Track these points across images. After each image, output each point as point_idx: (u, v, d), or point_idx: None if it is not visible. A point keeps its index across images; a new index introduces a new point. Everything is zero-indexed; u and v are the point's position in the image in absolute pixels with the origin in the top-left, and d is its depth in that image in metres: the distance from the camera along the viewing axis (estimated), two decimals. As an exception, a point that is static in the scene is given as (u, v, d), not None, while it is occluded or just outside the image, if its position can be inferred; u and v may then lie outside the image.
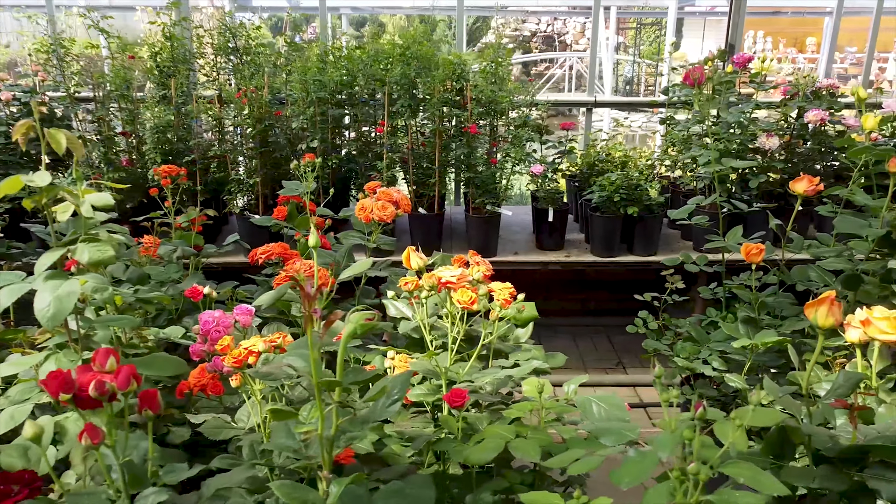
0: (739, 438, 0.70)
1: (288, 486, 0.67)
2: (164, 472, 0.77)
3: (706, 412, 0.66)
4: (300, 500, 0.65)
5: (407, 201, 1.61)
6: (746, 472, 0.68)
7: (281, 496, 0.65)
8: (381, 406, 0.76)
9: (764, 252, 1.64)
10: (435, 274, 1.11)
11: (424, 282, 1.10)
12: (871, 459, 0.91)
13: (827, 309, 0.88)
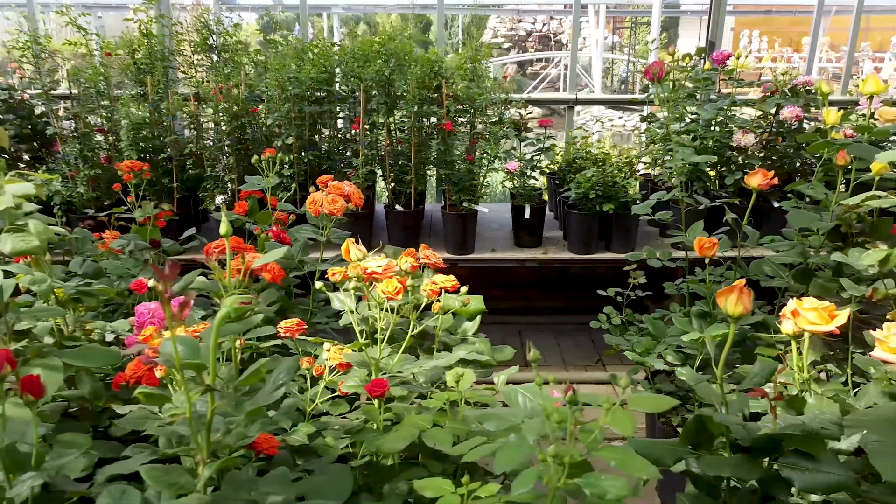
0: (622, 423, 0.69)
1: (158, 470, 0.67)
2: (50, 457, 0.77)
3: (576, 396, 0.66)
4: (168, 484, 0.65)
5: (359, 195, 1.61)
6: (617, 455, 0.67)
7: (149, 480, 0.65)
8: (265, 391, 0.76)
9: (716, 246, 1.64)
10: (361, 264, 1.11)
11: (351, 272, 1.10)
12: (785, 449, 0.91)
13: (736, 297, 0.88)
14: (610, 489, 0.62)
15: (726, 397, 0.94)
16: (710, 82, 3.33)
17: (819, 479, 0.87)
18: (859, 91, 1.88)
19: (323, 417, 1.22)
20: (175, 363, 0.64)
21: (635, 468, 0.66)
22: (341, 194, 1.56)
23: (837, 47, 15.32)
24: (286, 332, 1.35)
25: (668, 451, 0.92)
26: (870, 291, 1.29)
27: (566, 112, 4.06)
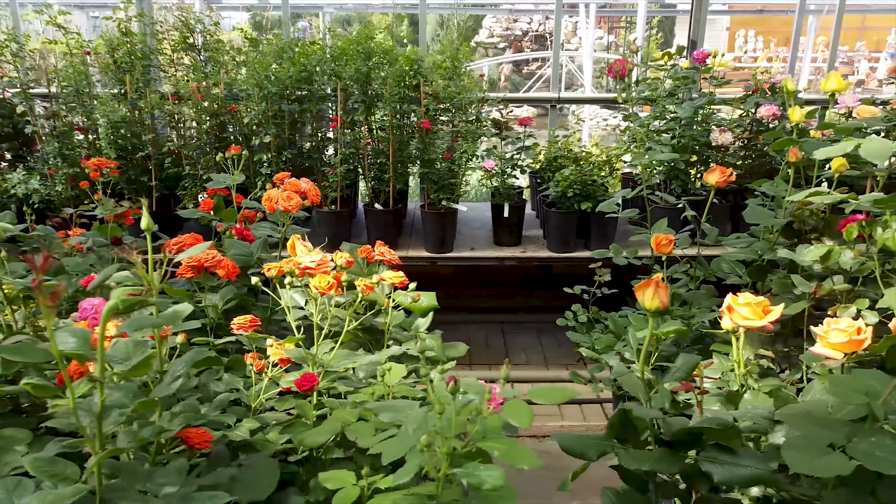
0: (518, 415, 0.70)
1: (42, 461, 0.67)
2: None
3: (458, 386, 0.66)
4: (52, 475, 0.66)
5: (316, 192, 1.61)
6: (501, 446, 0.68)
7: (33, 471, 0.65)
8: (164, 384, 0.76)
9: (672, 244, 1.64)
10: (294, 260, 1.11)
11: (285, 267, 1.11)
12: (706, 443, 0.91)
13: (653, 291, 0.88)
14: (487, 479, 0.62)
15: (660, 390, 0.94)
16: (690, 81, 3.33)
17: (737, 472, 0.87)
18: (822, 89, 1.88)
19: (268, 413, 1.22)
20: (54, 354, 0.64)
21: (518, 459, 0.66)
22: (297, 192, 1.56)
23: (833, 47, 15.25)
24: (239, 328, 1.36)
25: (592, 444, 0.92)
26: (814, 288, 1.29)
27: (550, 111, 4.06)
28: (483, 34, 16.08)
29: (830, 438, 0.85)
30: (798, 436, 0.85)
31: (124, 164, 3.13)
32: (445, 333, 4.41)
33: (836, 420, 0.87)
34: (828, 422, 0.87)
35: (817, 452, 0.81)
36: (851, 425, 0.89)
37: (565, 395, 0.78)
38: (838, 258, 1.24)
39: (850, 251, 1.24)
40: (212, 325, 1.60)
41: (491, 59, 15.18)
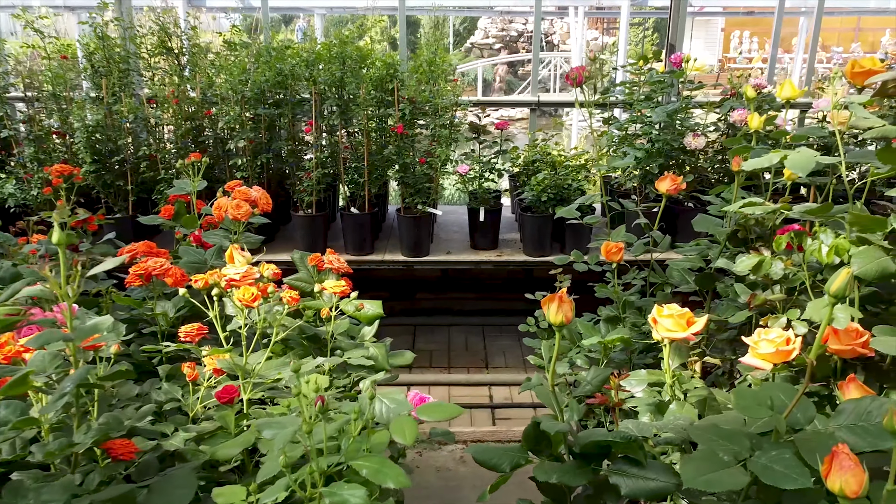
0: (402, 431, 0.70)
1: None
2: None
3: (327, 406, 0.67)
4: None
5: (266, 200, 1.62)
6: (370, 464, 0.69)
7: None
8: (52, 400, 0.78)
9: (622, 251, 1.65)
10: (218, 272, 1.12)
11: (211, 280, 1.11)
12: (616, 455, 0.92)
13: (556, 306, 0.89)
14: (350, 498, 0.63)
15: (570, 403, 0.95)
16: (667, 85, 3.34)
17: (644, 485, 0.88)
18: (777, 95, 1.89)
19: (206, 422, 1.23)
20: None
21: (385, 477, 0.67)
22: (247, 200, 1.57)
23: (828, 48, 15.31)
24: (185, 336, 1.37)
25: (505, 455, 0.93)
26: (748, 297, 1.30)
27: (530, 114, 4.06)
28: (478, 35, 16.09)
29: (734, 452, 0.86)
30: (701, 449, 0.85)
31: (100, 169, 3.14)
32: (427, 336, 4.41)
33: (742, 433, 0.88)
34: (734, 435, 0.88)
35: (714, 466, 0.82)
36: (758, 438, 0.90)
37: (454, 411, 0.79)
38: (769, 269, 1.25)
39: (780, 262, 1.24)
40: (163, 331, 1.61)
41: (486, 59, 15.18)
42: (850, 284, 0.82)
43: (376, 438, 0.70)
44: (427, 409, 0.81)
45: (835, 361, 1.18)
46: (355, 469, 0.66)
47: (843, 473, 0.66)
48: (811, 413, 0.90)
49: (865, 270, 1.07)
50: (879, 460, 0.95)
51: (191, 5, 4.76)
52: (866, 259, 1.08)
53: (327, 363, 1.17)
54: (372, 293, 4.48)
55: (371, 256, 3.32)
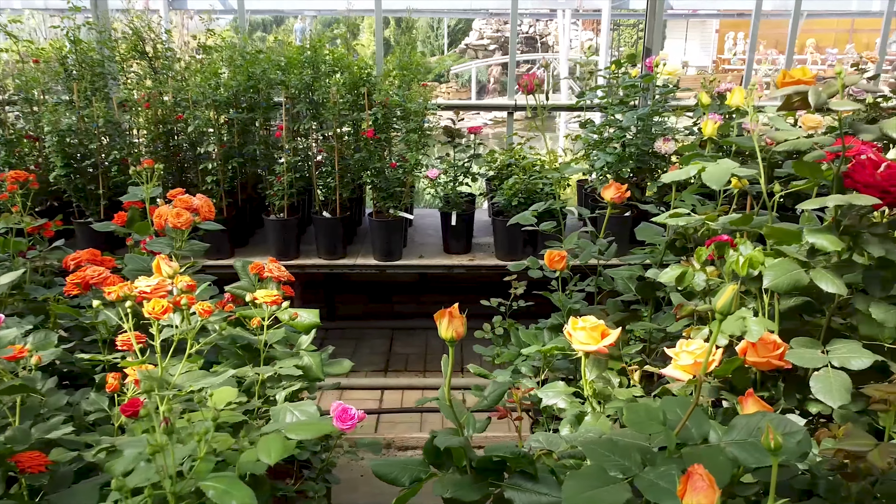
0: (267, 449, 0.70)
1: None
2: None
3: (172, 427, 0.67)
4: None
5: (209, 208, 1.62)
6: (219, 485, 0.69)
7: None
8: None
9: (565, 260, 1.64)
10: (129, 284, 1.12)
11: (121, 293, 1.11)
12: (513, 469, 0.92)
13: (447, 321, 0.89)
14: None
15: (468, 417, 0.95)
16: (639, 89, 3.34)
17: (535, 499, 0.88)
18: (726, 103, 1.89)
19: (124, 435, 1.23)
20: None
21: (231, 498, 0.67)
22: (188, 208, 1.57)
23: (823, 49, 15.30)
24: (123, 344, 1.37)
25: (405, 469, 0.93)
26: (675, 307, 1.30)
27: (507, 118, 4.06)
28: (473, 36, 16.09)
29: (623, 468, 0.85)
30: (589, 465, 0.85)
31: (72, 173, 3.14)
32: (404, 339, 4.40)
33: (635, 448, 0.88)
34: (627, 450, 0.88)
35: (600, 482, 0.82)
36: (652, 454, 0.89)
37: (321, 429, 0.79)
38: (691, 280, 1.25)
39: (703, 273, 1.24)
40: (104, 339, 1.62)
41: (480, 61, 15.18)
42: (736, 300, 0.82)
43: (245, 457, 0.70)
44: (295, 428, 0.81)
45: (754, 373, 1.18)
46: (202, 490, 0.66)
47: (696, 494, 0.66)
48: (705, 429, 0.90)
49: (777, 283, 1.07)
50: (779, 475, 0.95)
51: (172, 8, 4.77)
52: (780, 271, 1.08)
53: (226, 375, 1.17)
54: (349, 296, 4.50)
55: (343, 261, 3.32)
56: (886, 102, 3.43)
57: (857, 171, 1.04)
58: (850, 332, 1.17)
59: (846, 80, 1.03)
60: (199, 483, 0.68)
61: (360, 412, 1.24)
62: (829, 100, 1.01)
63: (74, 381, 1.72)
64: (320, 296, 4.28)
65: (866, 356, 1.07)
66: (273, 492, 1.14)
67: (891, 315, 1.07)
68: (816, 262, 1.11)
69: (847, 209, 1.08)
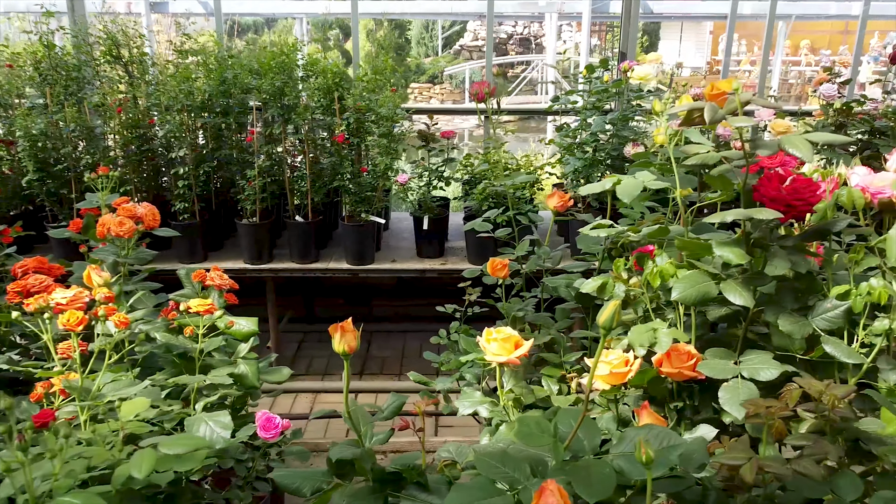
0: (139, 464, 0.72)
1: None
2: None
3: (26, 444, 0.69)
4: None
5: (153, 216, 1.63)
6: (76, 500, 0.70)
7: None
8: None
9: (507, 267, 1.66)
10: (45, 296, 1.14)
11: (37, 304, 1.13)
12: (410, 480, 0.93)
13: (340, 335, 0.90)
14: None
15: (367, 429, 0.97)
16: (611, 94, 3.35)
17: (427, 511, 0.89)
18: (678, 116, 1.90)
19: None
20: None
21: None
22: (132, 216, 1.58)
23: (817, 51, 15.29)
24: (62, 353, 1.38)
25: (307, 480, 0.94)
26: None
27: (485, 121, 4.07)
28: (468, 37, 16.11)
29: (511, 480, 0.87)
30: (477, 477, 0.87)
31: (44, 177, 3.16)
32: (382, 342, 4.40)
33: (526, 460, 0.89)
34: (518, 462, 0.89)
35: (484, 494, 0.83)
36: (544, 465, 0.91)
37: (198, 443, 0.80)
38: (612, 291, 1.26)
39: (622, 284, 1.26)
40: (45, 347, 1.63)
41: (475, 62, 15.20)
42: (618, 315, 0.83)
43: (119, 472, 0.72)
44: (170, 443, 0.82)
45: (671, 384, 1.20)
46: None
47: (547, 509, 0.67)
48: (596, 441, 0.91)
49: (685, 295, 1.08)
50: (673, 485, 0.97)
51: (154, 11, 4.78)
52: (688, 284, 1.09)
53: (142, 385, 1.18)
54: (328, 299, 4.51)
55: (316, 265, 3.34)
56: (860, 106, 3.45)
57: (763, 185, 1.05)
58: (767, 342, 1.19)
59: (742, 98, 1.05)
60: (56, 500, 0.69)
61: (284, 421, 1.26)
62: (726, 116, 1.02)
63: (28, 386, 1.74)
64: (299, 299, 4.30)
65: (774, 367, 1.09)
66: (195, 499, 1.16)
67: (797, 327, 1.09)
68: (729, 275, 1.13)
69: (757, 222, 1.09)
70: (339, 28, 11.88)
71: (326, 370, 3.89)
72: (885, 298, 1.01)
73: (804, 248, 1.11)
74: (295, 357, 4.01)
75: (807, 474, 0.81)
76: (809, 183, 1.04)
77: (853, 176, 1.13)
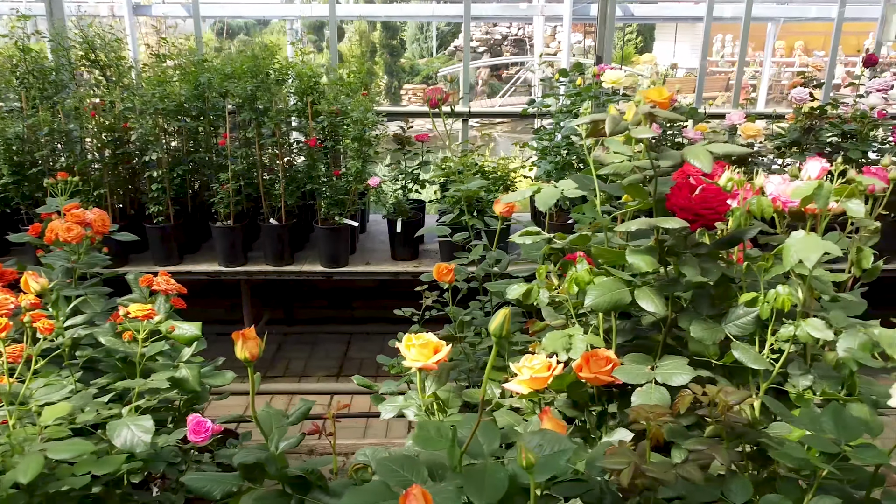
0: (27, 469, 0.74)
1: None
2: None
3: None
4: None
5: (103, 221, 1.66)
6: None
7: None
8: None
9: (452, 273, 1.68)
10: (-30, 302, 1.16)
11: (-36, 310, 1.15)
12: (315, 483, 0.95)
13: (241, 343, 0.92)
14: None
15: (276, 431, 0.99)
16: (583, 97, 3.37)
17: (329, 514, 0.91)
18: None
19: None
20: None
21: None
22: (81, 222, 1.60)
23: (811, 52, 15.30)
24: (10, 357, 1.40)
25: (218, 483, 0.96)
26: (528, 322, 1.33)
27: (461, 125, 4.10)
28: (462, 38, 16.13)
29: (407, 483, 0.89)
30: (374, 480, 0.89)
31: (20, 181, 3.18)
32: (361, 344, 4.40)
33: (424, 464, 0.91)
34: (417, 466, 0.91)
35: (377, 498, 0.86)
36: (443, 469, 0.93)
37: (83, 448, 0.82)
38: (537, 297, 1.28)
39: (546, 290, 1.28)
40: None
41: (473, 63, 15.24)
42: (508, 323, 0.85)
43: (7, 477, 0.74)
44: (57, 448, 0.84)
45: (591, 388, 1.22)
46: None
47: (410, 513, 0.69)
48: (495, 445, 0.93)
49: (597, 302, 1.10)
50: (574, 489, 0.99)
51: (137, 14, 4.80)
52: (602, 290, 1.11)
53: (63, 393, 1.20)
54: (309, 301, 4.52)
55: (290, 267, 3.36)
56: (835, 109, 3.47)
57: (674, 194, 1.07)
58: (686, 348, 1.21)
59: (642, 110, 1.07)
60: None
61: (215, 425, 1.28)
62: (629, 127, 1.04)
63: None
64: (280, 301, 4.32)
65: (686, 372, 1.11)
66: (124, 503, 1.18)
67: (709, 333, 1.11)
68: (646, 282, 1.15)
69: (672, 230, 1.11)
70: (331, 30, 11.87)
71: (304, 372, 3.91)
72: (788, 305, 1.03)
73: (718, 256, 1.13)
74: (273, 359, 4.03)
75: (688, 478, 0.83)
76: (718, 192, 1.06)
77: (768, 185, 1.15)
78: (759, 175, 1.21)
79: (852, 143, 3.11)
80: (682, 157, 1.01)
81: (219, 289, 3.95)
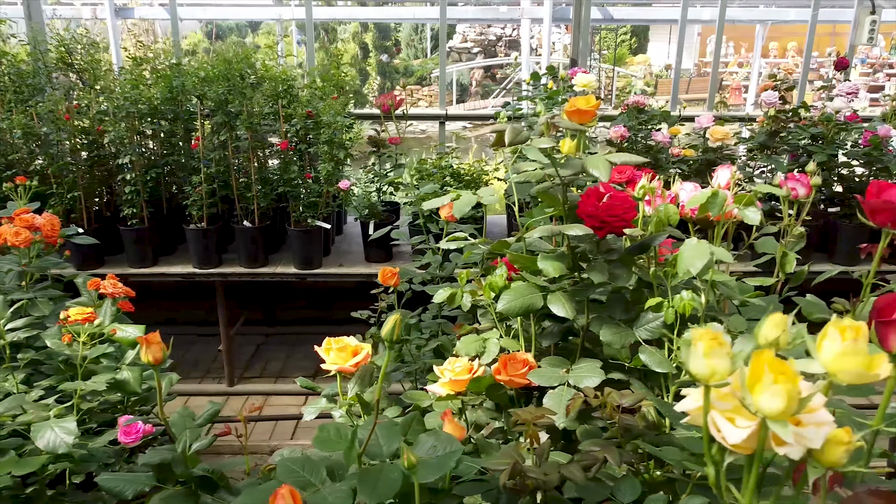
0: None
1: None
2: None
3: None
4: None
5: (53, 225, 1.69)
6: None
7: None
8: None
9: (396, 276, 1.71)
10: None
11: None
12: (221, 485, 0.98)
13: (144, 348, 0.95)
14: None
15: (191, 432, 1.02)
16: (554, 101, 3.40)
17: (233, 513, 0.94)
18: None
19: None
20: None
21: None
22: (29, 227, 1.63)
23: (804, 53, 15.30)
24: None
25: (130, 482, 0.99)
26: (455, 326, 1.36)
27: (439, 127, 4.13)
28: (457, 39, 16.15)
29: (304, 484, 0.92)
30: (270, 481, 0.92)
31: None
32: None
33: (324, 464, 0.94)
34: (317, 467, 0.94)
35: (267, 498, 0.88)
36: (342, 470, 0.96)
37: (48, 458, 0.85)
38: (460, 301, 1.31)
39: (469, 294, 1.31)
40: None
41: (463, 64, 15.25)
42: (398, 328, 0.88)
43: None
44: None
45: (511, 391, 1.25)
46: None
47: (277, 512, 0.72)
48: (394, 446, 0.96)
49: (510, 307, 1.13)
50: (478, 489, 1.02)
51: (120, 16, 4.84)
52: (515, 295, 1.14)
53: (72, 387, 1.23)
54: (291, 302, 4.54)
55: (264, 269, 3.39)
56: (807, 112, 3.49)
57: (583, 202, 1.10)
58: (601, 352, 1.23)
59: (543, 119, 1.10)
60: None
61: (146, 426, 1.31)
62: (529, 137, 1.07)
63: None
64: (260, 302, 4.35)
65: (597, 375, 1.14)
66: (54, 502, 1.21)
67: (618, 337, 1.13)
68: (561, 287, 1.18)
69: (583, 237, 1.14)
70: (325, 31, 11.91)
71: (281, 373, 3.94)
72: (690, 310, 1.06)
73: (630, 261, 1.16)
74: (251, 359, 4.06)
75: (571, 478, 0.86)
76: (624, 200, 1.09)
77: (681, 192, 1.17)
78: (676, 182, 1.23)
79: (818, 147, 3.13)
80: (582, 167, 1.04)
81: (199, 291, 3.98)
